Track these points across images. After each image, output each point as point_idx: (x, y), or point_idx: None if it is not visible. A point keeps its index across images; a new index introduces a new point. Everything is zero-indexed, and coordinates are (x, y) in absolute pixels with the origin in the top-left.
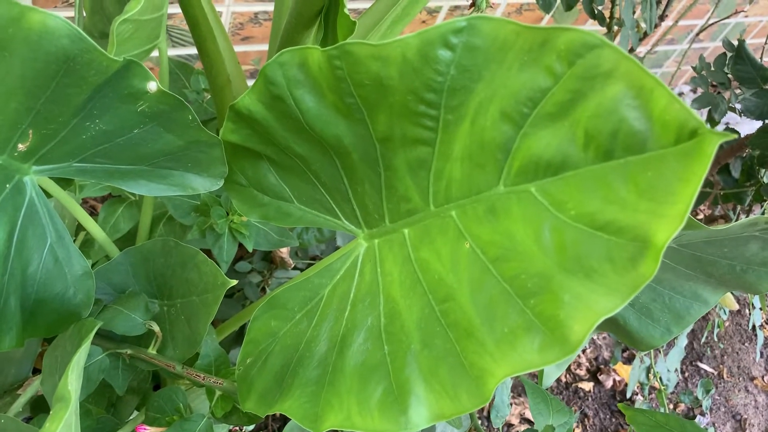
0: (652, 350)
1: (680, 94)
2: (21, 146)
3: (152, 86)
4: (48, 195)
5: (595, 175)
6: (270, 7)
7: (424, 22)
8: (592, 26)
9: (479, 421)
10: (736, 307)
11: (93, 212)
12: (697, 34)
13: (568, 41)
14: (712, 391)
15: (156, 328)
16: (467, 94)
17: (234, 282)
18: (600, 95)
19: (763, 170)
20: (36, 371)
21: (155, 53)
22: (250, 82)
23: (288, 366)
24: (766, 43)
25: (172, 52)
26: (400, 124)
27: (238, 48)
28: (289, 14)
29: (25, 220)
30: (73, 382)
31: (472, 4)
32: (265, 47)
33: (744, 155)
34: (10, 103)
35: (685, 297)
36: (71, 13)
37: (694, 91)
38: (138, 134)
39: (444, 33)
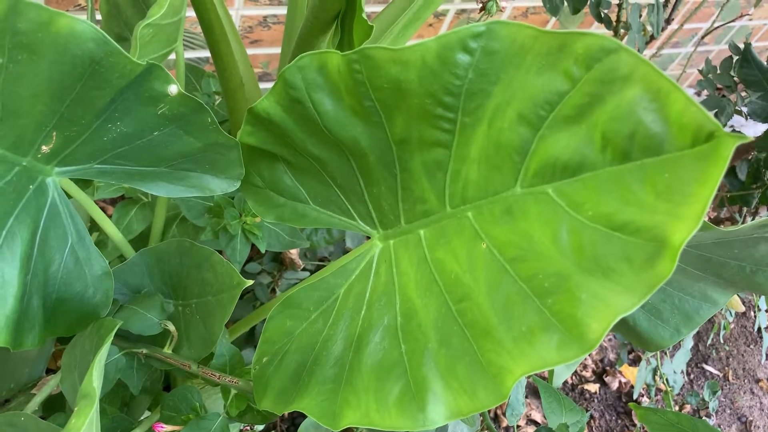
0: (658, 352)
1: None
2: (44, 148)
3: (173, 89)
4: (68, 196)
5: (612, 176)
6: (279, 11)
7: (431, 25)
8: (597, 29)
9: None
10: (742, 308)
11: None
12: (702, 38)
13: (586, 46)
14: (719, 393)
15: (171, 327)
16: (485, 98)
17: (250, 282)
18: (618, 98)
19: None
20: (49, 371)
21: (171, 56)
22: (260, 85)
23: (304, 365)
24: None
25: (184, 55)
26: (418, 126)
27: (248, 51)
28: (305, 18)
29: (48, 220)
30: (96, 380)
31: (482, 8)
32: (273, 50)
33: (750, 158)
34: (36, 105)
35: (694, 298)
36: (83, 17)
37: (698, 94)
38: (158, 136)
39: (463, 37)
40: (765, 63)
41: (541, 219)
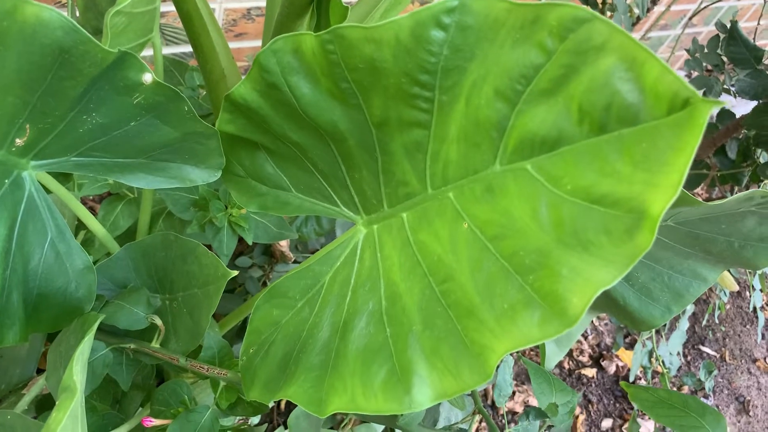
0: (654, 334)
1: None
2: (18, 141)
3: (147, 78)
4: (47, 191)
5: (589, 149)
6: (263, 3)
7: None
8: None
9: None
10: (736, 287)
11: (92, 212)
12: (690, 19)
13: (559, 16)
14: (715, 373)
15: (158, 321)
16: (461, 74)
17: (235, 273)
18: (593, 69)
19: (759, 150)
20: (40, 371)
21: (150, 52)
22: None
23: (291, 353)
24: (758, 26)
25: (166, 50)
26: (396, 107)
27: (232, 44)
28: (281, 3)
29: (25, 215)
30: (78, 373)
31: None
32: (258, 43)
33: (740, 136)
34: (6, 97)
35: (684, 275)
36: (64, 13)
37: (688, 76)
38: (135, 126)
39: (436, 13)
40: (752, 41)
41: (521, 195)
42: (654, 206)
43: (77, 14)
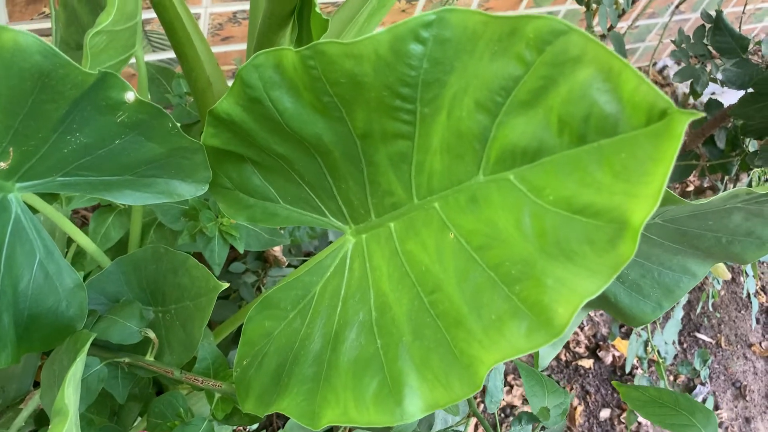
0: (648, 324)
1: (664, 67)
2: (2, 164)
3: (130, 96)
4: (34, 210)
5: (570, 159)
6: (248, 6)
7: (403, 11)
8: (571, 6)
9: (479, 409)
10: (729, 276)
11: (84, 221)
12: (677, 6)
13: (536, 28)
14: (710, 362)
15: (152, 335)
16: (441, 87)
17: (226, 285)
18: (571, 80)
19: (747, 139)
20: (37, 384)
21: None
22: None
23: (284, 365)
24: (744, 11)
25: (153, 56)
26: (379, 119)
27: (219, 48)
28: (262, 15)
29: (12, 237)
30: (70, 396)
31: None
32: (245, 46)
33: (728, 126)
34: None
35: (673, 271)
36: (48, 25)
37: (678, 63)
38: (119, 144)
39: (414, 27)
40: (737, 29)
41: (505, 205)
42: (635, 216)
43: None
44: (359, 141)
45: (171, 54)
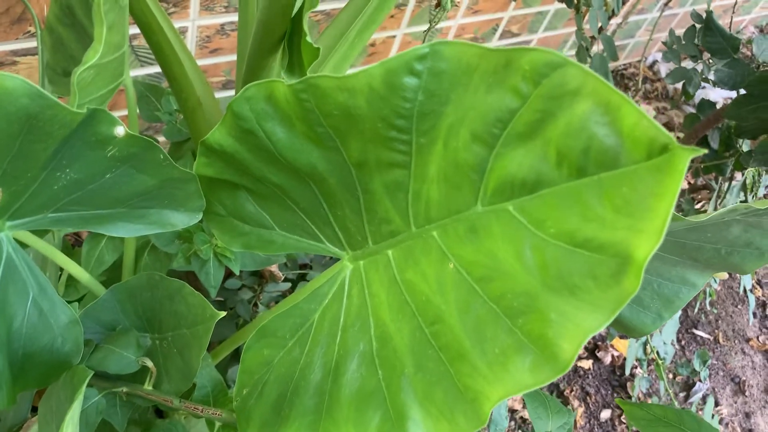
0: None
1: (654, 62)
2: None
3: (120, 131)
4: (24, 246)
5: (570, 192)
6: (236, 18)
7: (392, 16)
8: (560, 6)
9: None
10: (726, 276)
11: (77, 239)
12: (667, 3)
13: (531, 61)
14: (709, 362)
15: (150, 363)
16: (437, 118)
17: (222, 314)
18: (569, 114)
19: (740, 139)
20: (34, 410)
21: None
22: (223, 93)
23: (284, 395)
24: (735, 5)
25: (141, 71)
26: (374, 149)
27: (208, 61)
28: (251, 41)
29: (5, 277)
30: None
31: (438, 4)
32: (234, 57)
33: (721, 126)
34: None
35: (673, 282)
36: (33, 44)
37: (668, 59)
38: (110, 178)
39: (408, 60)
40: (727, 29)
41: (505, 237)
42: (639, 251)
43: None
44: (354, 169)
45: (159, 68)
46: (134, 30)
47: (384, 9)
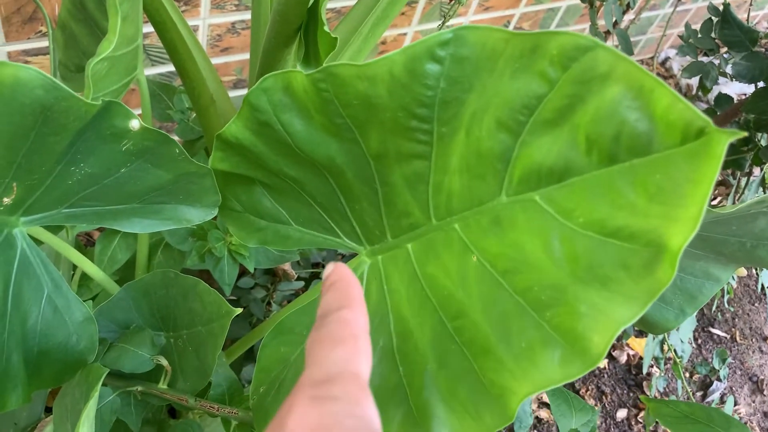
0: None
1: (667, 58)
2: (6, 200)
3: (135, 124)
4: (39, 242)
5: (600, 180)
6: (247, 16)
7: (403, 13)
8: (572, 1)
9: None
10: (745, 272)
11: (89, 239)
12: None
13: (560, 45)
14: (728, 360)
15: (164, 362)
16: (460, 106)
17: (239, 311)
18: (598, 98)
19: (759, 134)
20: (48, 410)
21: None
22: (233, 93)
23: None
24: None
25: (152, 71)
26: (394, 140)
27: (219, 59)
28: (267, 33)
29: (19, 273)
30: None
31: None
32: (245, 56)
33: (739, 120)
34: None
35: (696, 277)
36: (45, 44)
37: (684, 53)
38: (125, 173)
39: (430, 47)
40: (745, 22)
41: (531, 228)
42: (674, 240)
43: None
44: (373, 162)
45: (170, 67)
46: (146, 29)
47: (397, 4)
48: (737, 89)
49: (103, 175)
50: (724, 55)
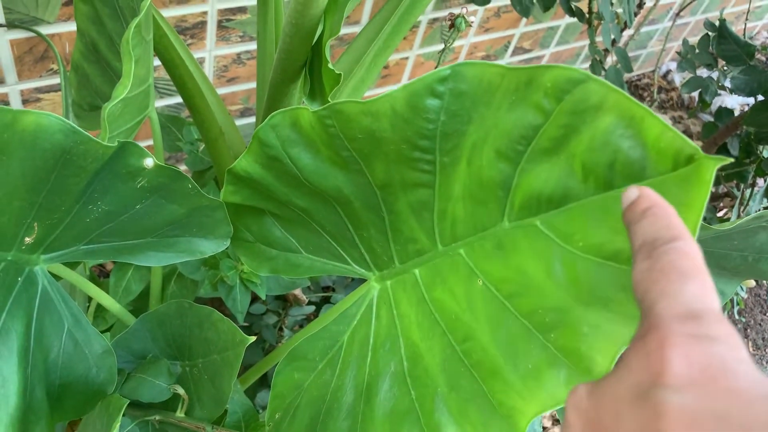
0: None
1: (668, 71)
2: (28, 239)
3: (149, 162)
4: (57, 278)
5: (598, 205)
6: (252, 47)
7: (405, 38)
8: (571, 20)
9: None
10: (754, 283)
11: (102, 270)
12: (678, 14)
13: (553, 78)
14: None
15: (181, 391)
16: (460, 137)
17: (252, 339)
18: (592, 128)
19: (761, 146)
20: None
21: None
22: (240, 121)
23: (317, 418)
24: (748, 12)
25: (160, 103)
26: (398, 170)
27: (226, 89)
28: (273, 69)
29: (41, 309)
30: None
31: (452, 25)
32: (251, 85)
33: (740, 133)
34: (13, 202)
35: None
36: (56, 81)
37: (683, 69)
38: (141, 209)
39: (430, 83)
40: (741, 36)
41: (533, 252)
42: None
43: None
44: (379, 191)
45: (177, 99)
46: (154, 63)
47: (399, 33)
48: (740, 100)
49: (120, 212)
50: (723, 68)
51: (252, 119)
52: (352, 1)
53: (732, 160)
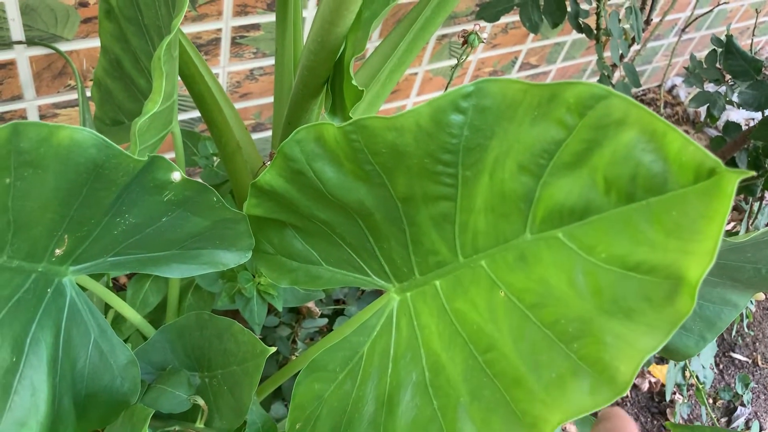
0: None
1: (673, 86)
2: (58, 251)
3: (176, 176)
4: (83, 289)
5: (620, 217)
6: (265, 63)
7: None
8: (578, 36)
9: None
10: (763, 296)
11: (115, 283)
12: (684, 29)
13: (576, 94)
14: (752, 384)
15: (201, 401)
16: (483, 151)
17: (273, 349)
18: (614, 142)
19: None
20: None
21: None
22: (253, 137)
23: (338, 428)
24: (755, 27)
25: None
26: (420, 183)
27: (239, 105)
28: (295, 85)
29: (69, 320)
30: None
31: (465, 42)
32: (263, 101)
33: (748, 147)
34: (45, 214)
35: (714, 303)
36: (74, 96)
37: (690, 84)
38: (166, 222)
39: (454, 99)
40: (748, 51)
41: (556, 263)
42: (691, 272)
43: (87, 93)
44: (401, 204)
45: (191, 114)
46: None
47: (414, 50)
48: (744, 114)
49: (146, 225)
50: (730, 83)
51: (264, 134)
52: (376, 20)
53: (754, 173)
